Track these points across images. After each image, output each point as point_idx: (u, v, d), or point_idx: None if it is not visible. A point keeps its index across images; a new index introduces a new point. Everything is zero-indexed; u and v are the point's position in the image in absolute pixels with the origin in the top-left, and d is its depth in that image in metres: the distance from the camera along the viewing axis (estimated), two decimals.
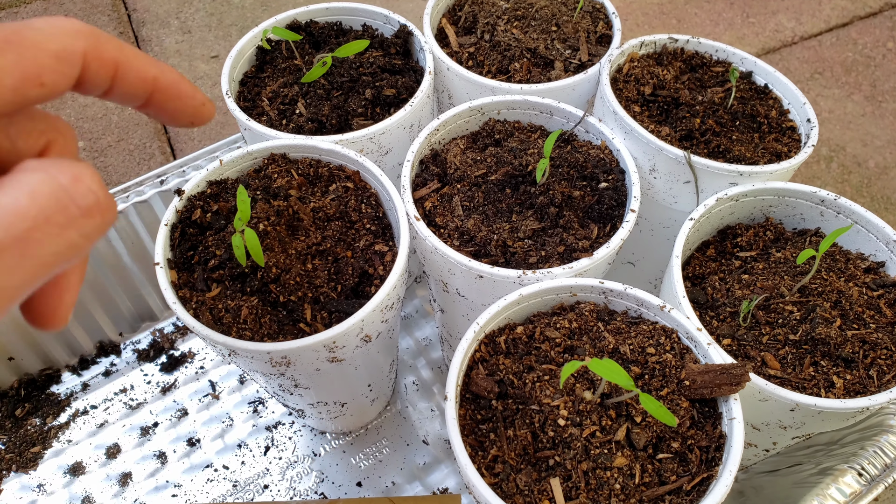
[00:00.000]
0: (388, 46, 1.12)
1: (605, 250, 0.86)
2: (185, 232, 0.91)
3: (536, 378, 0.76)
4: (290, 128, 1.01)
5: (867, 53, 2.08)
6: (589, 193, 0.95)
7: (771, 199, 0.96)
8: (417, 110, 1.02)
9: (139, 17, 2.12)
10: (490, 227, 0.91)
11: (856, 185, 1.76)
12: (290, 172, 0.96)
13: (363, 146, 0.99)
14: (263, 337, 0.85)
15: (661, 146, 0.93)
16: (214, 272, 0.89)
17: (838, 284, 0.86)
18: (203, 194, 0.94)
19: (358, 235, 0.92)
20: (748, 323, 0.85)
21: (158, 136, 1.82)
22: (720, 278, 0.91)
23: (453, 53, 1.13)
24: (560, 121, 1.02)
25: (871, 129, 1.88)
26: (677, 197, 0.99)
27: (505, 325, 0.84)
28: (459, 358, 0.77)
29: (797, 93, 1.05)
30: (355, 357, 0.91)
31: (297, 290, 0.87)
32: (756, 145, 1.00)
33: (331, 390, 1.02)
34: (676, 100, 1.04)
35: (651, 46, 1.11)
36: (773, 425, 0.83)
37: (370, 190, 0.96)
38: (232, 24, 2.12)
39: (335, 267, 0.90)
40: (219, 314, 0.85)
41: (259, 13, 2.17)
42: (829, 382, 0.78)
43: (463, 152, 0.98)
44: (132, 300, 1.36)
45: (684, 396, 0.75)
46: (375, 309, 0.83)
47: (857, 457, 1.01)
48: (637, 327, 0.81)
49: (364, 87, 1.04)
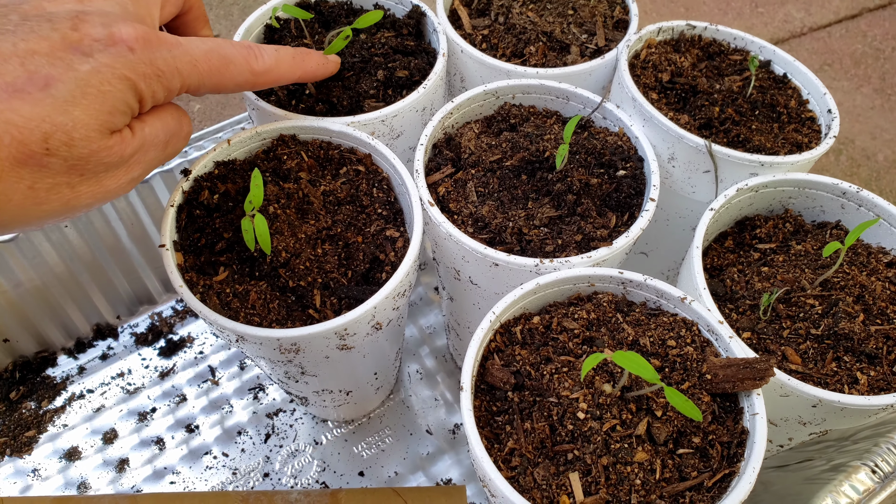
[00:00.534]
0: (401, 27, 1.09)
1: (624, 240, 0.84)
2: (191, 214, 0.88)
3: (554, 370, 0.74)
4: (299, 108, 0.98)
5: (877, 46, 2.06)
6: (607, 181, 0.92)
7: (791, 191, 0.94)
8: (430, 93, 0.99)
9: None
10: (505, 213, 0.89)
11: (865, 179, 1.74)
12: (300, 154, 0.93)
13: (374, 129, 0.96)
14: (272, 323, 0.82)
15: (682, 134, 0.91)
16: (222, 255, 0.86)
17: (861, 279, 0.84)
18: (210, 175, 0.91)
19: (369, 220, 0.90)
20: (768, 316, 0.83)
21: None
22: (739, 270, 0.89)
23: (466, 36, 1.10)
24: (577, 106, 1.00)
25: (881, 123, 1.86)
26: (696, 186, 0.96)
27: (521, 315, 0.82)
28: (475, 347, 0.75)
29: (817, 83, 1.03)
30: (365, 345, 0.88)
31: (307, 275, 0.85)
32: (776, 135, 0.98)
33: (337, 378, 0.99)
34: (694, 87, 1.02)
35: (668, 33, 1.08)
36: (792, 421, 0.81)
37: (382, 174, 0.93)
38: (233, 3, 2.08)
39: (346, 252, 0.87)
40: (226, 299, 0.82)
41: None
42: (852, 378, 0.77)
43: (477, 137, 0.96)
44: (131, 283, 1.33)
45: (706, 390, 0.73)
46: (388, 296, 0.81)
47: (870, 453, 1.00)
48: (657, 319, 0.79)
49: (376, 68, 1.01)
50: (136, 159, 0.68)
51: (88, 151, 0.61)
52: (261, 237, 0.77)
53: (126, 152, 0.65)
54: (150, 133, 0.69)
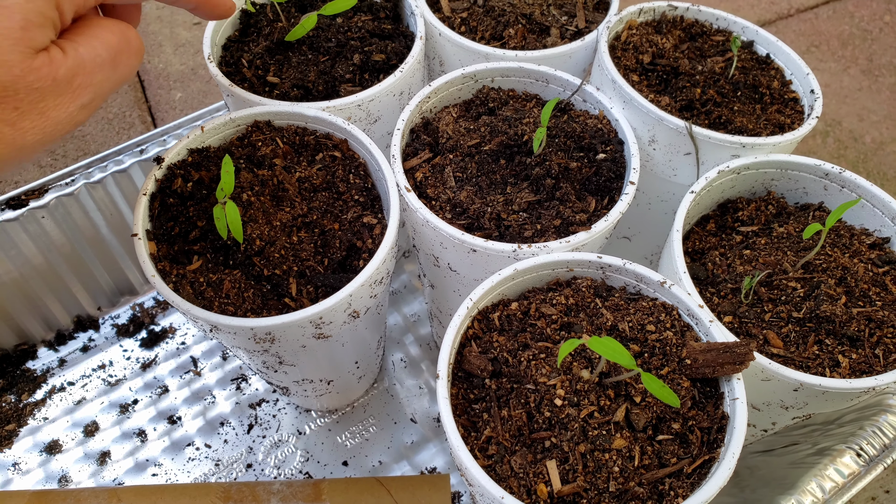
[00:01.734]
0: (378, 10, 1.07)
1: (604, 224, 0.83)
2: (164, 202, 0.87)
3: (532, 356, 0.73)
4: (274, 94, 0.96)
5: (864, 27, 2.04)
6: (586, 165, 0.91)
7: (773, 172, 0.92)
8: (408, 77, 0.98)
9: None
10: (484, 199, 0.87)
11: (852, 161, 1.73)
12: (275, 140, 0.92)
13: (351, 114, 0.95)
14: (246, 312, 0.81)
15: (662, 116, 0.90)
16: (196, 244, 0.85)
17: (843, 261, 0.83)
18: (184, 163, 0.89)
19: (346, 207, 0.89)
20: (750, 300, 0.82)
21: (139, 105, 1.76)
22: (721, 253, 0.88)
23: (445, 19, 1.08)
24: (556, 89, 0.98)
25: (868, 104, 1.85)
26: (677, 169, 0.95)
27: (499, 301, 0.81)
28: (452, 334, 0.74)
29: (800, 63, 1.01)
30: (342, 333, 0.87)
31: (282, 263, 0.83)
32: (758, 117, 0.97)
33: (317, 367, 0.98)
34: (676, 69, 1.00)
35: (650, 14, 1.07)
36: (774, 405, 0.81)
37: (358, 160, 0.92)
38: None
39: (322, 239, 0.86)
40: (200, 288, 0.81)
41: None
42: (834, 362, 0.76)
43: (455, 121, 0.94)
44: (111, 273, 1.31)
45: (685, 376, 0.72)
46: (364, 284, 0.80)
47: (855, 437, 1.00)
48: (636, 304, 0.78)
49: (352, 52, 0.99)
50: (81, 83, 0.60)
51: (11, 77, 0.54)
52: (232, 225, 0.76)
53: (59, 73, 0.58)
54: (88, 52, 0.61)
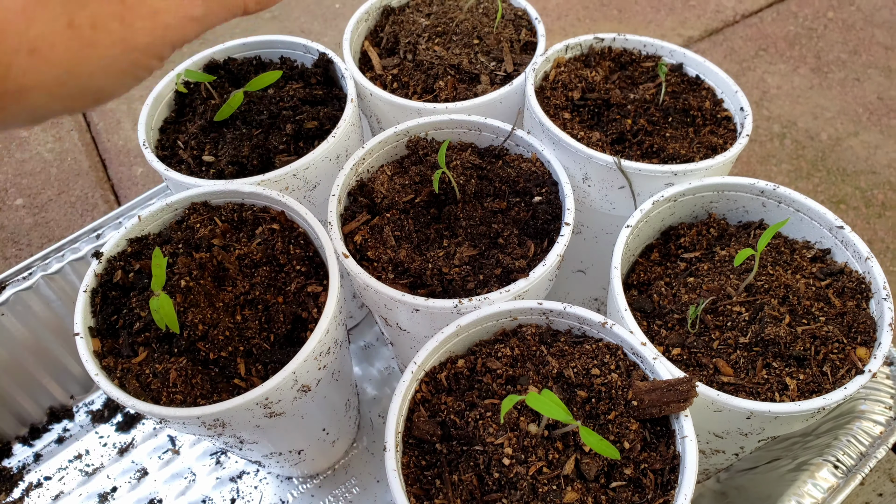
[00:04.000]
0: (309, 77, 1.09)
1: (542, 268, 0.83)
2: (106, 296, 0.87)
3: (479, 415, 0.72)
4: (210, 173, 0.97)
5: (808, 25, 2.06)
6: (523, 209, 0.91)
7: (711, 195, 0.93)
8: (342, 140, 0.98)
9: None
10: (423, 255, 0.87)
11: (811, 160, 1.74)
12: (213, 220, 0.92)
13: (288, 183, 0.95)
14: (197, 398, 0.80)
15: (590, 154, 0.90)
16: (140, 335, 0.84)
17: (785, 278, 0.83)
18: (123, 254, 0.90)
19: (288, 279, 0.89)
20: (697, 329, 0.82)
21: (101, 185, 1.77)
22: (666, 283, 0.88)
23: (377, 77, 1.09)
24: (489, 136, 0.99)
25: (821, 101, 1.86)
26: (614, 203, 0.95)
27: (446, 360, 0.81)
28: (398, 402, 0.74)
29: (729, 81, 1.02)
30: (298, 407, 0.87)
31: (228, 344, 0.83)
32: (691, 140, 0.97)
33: (281, 441, 0.98)
34: (608, 101, 1.01)
35: (577, 49, 1.08)
36: (733, 433, 0.80)
37: (298, 229, 0.92)
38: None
39: (266, 315, 0.86)
40: (146, 380, 0.80)
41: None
42: (782, 385, 0.75)
43: (390, 178, 0.95)
44: (80, 360, 1.31)
45: (633, 417, 0.71)
46: (308, 358, 0.79)
47: (831, 448, 0.99)
48: (581, 347, 0.78)
49: (284, 122, 1.00)
50: None
51: None
52: (166, 318, 0.76)
53: None
54: None
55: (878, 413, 0.98)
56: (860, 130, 1.79)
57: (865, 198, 1.66)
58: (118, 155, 1.83)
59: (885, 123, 1.81)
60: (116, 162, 1.81)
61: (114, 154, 1.82)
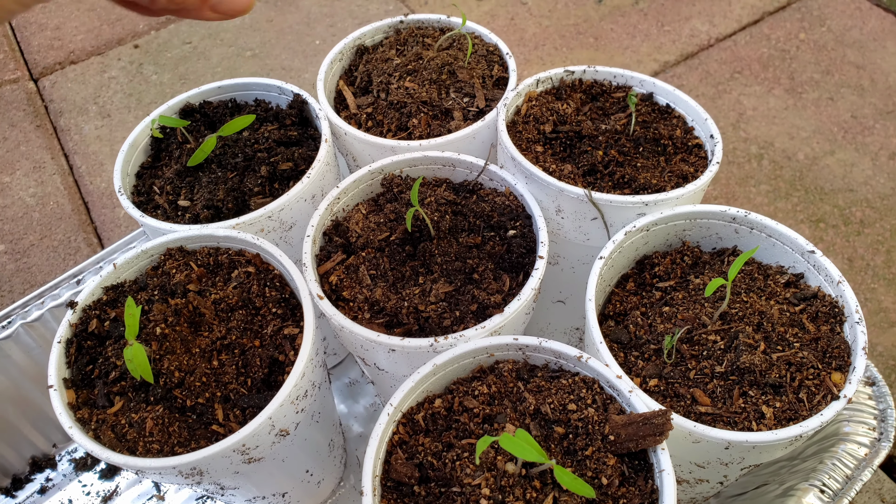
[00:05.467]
0: (284, 118, 1.09)
1: (517, 303, 0.83)
2: (81, 346, 0.86)
3: (456, 456, 0.72)
4: (186, 218, 0.97)
5: (781, 47, 2.09)
6: (499, 243, 0.92)
7: (684, 224, 0.93)
8: (317, 180, 0.99)
9: (56, 107, 2.08)
10: (399, 293, 0.88)
11: (789, 180, 1.76)
12: (189, 265, 0.92)
13: (263, 225, 0.95)
14: (174, 447, 0.80)
15: (562, 187, 0.91)
16: (116, 385, 0.84)
17: (759, 305, 0.83)
18: (99, 302, 0.89)
19: (265, 321, 0.88)
20: (673, 359, 0.82)
21: (84, 228, 1.77)
22: (642, 313, 0.88)
23: (352, 116, 1.10)
24: (463, 172, 1.00)
25: (796, 122, 1.88)
26: (588, 234, 0.96)
27: (424, 399, 0.80)
28: (374, 446, 0.73)
29: (698, 109, 1.03)
30: (277, 451, 0.86)
31: (205, 390, 0.83)
32: (662, 169, 0.98)
33: (263, 485, 0.97)
34: (579, 133, 1.02)
35: (548, 82, 1.09)
36: (714, 463, 0.80)
37: (273, 271, 0.92)
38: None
39: (243, 360, 0.85)
40: (122, 431, 0.80)
41: (178, 88, 2.13)
42: (759, 413, 0.75)
43: (365, 217, 0.95)
44: None
45: (611, 452, 0.71)
46: (284, 402, 0.79)
47: (817, 472, 0.98)
48: (558, 381, 0.78)
49: (259, 164, 1.01)
50: None
51: None
52: (139, 367, 0.76)
53: None
54: None
55: (862, 434, 0.98)
56: (836, 149, 1.81)
57: (844, 216, 1.67)
58: (101, 197, 1.83)
59: (859, 141, 1.83)
60: (99, 204, 1.81)
61: (96, 196, 1.82)
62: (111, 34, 2.29)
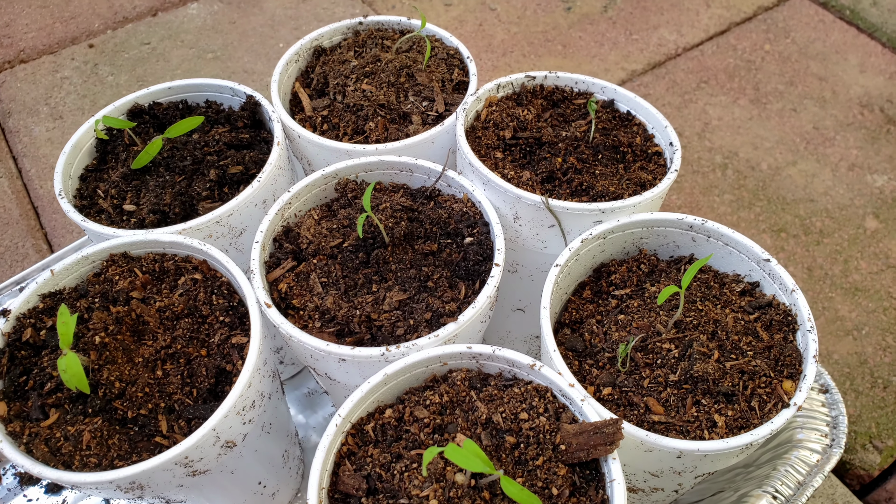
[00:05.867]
0: (236, 120, 1.07)
1: (472, 311, 0.81)
2: (14, 356, 0.82)
3: (405, 467, 0.70)
4: (131, 223, 0.94)
5: (747, 58, 2.11)
6: (455, 250, 0.90)
7: (641, 231, 0.93)
8: (268, 185, 0.96)
9: (4, 107, 2.02)
10: (351, 301, 0.85)
11: (752, 189, 1.77)
12: (133, 271, 0.89)
13: (211, 231, 0.92)
14: (114, 460, 0.76)
15: (520, 194, 0.89)
16: (51, 396, 0.80)
17: (714, 313, 0.82)
18: (35, 310, 0.86)
19: (212, 330, 0.86)
20: (628, 367, 0.80)
21: (32, 234, 1.71)
22: (597, 321, 0.87)
23: (307, 119, 1.08)
24: (421, 177, 0.98)
25: (760, 132, 1.90)
26: (546, 241, 0.95)
27: (374, 409, 0.78)
28: (321, 457, 0.71)
29: (659, 116, 1.03)
30: (225, 464, 0.83)
31: (148, 401, 0.80)
32: (621, 177, 0.97)
33: (213, 497, 0.93)
34: (539, 139, 1.01)
35: (508, 87, 1.08)
36: (667, 472, 0.78)
37: (221, 278, 0.89)
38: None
39: (188, 369, 0.83)
40: (56, 444, 0.76)
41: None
42: (711, 422, 0.74)
43: (318, 223, 0.93)
44: None
45: (561, 462, 0.70)
46: (229, 413, 0.76)
47: (770, 479, 0.98)
48: (511, 390, 0.76)
49: (208, 168, 0.98)
50: None
51: None
52: (74, 378, 0.72)
53: None
54: None
55: (815, 441, 0.98)
56: (798, 160, 1.83)
57: (804, 226, 1.68)
58: (52, 202, 1.78)
59: (820, 152, 1.85)
60: (50, 209, 1.76)
61: (47, 201, 1.77)
62: (64, 32, 2.24)
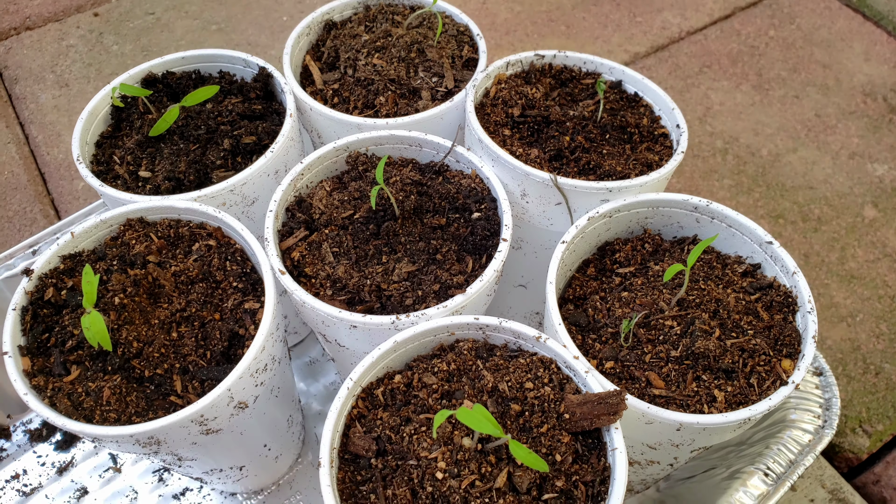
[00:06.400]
0: (248, 91, 1.08)
1: (479, 284, 0.84)
2: (37, 314, 0.85)
3: (413, 430, 0.72)
4: (146, 189, 0.96)
5: (751, 43, 2.13)
6: (463, 225, 0.92)
7: (646, 211, 0.95)
8: (280, 155, 0.98)
9: (11, 73, 2.02)
10: (362, 271, 0.88)
11: (752, 175, 1.79)
12: (149, 236, 0.91)
13: (225, 199, 0.94)
14: (132, 416, 0.79)
15: (528, 171, 0.91)
16: (72, 353, 0.83)
17: (716, 293, 0.85)
18: (56, 271, 0.88)
19: (225, 295, 0.88)
20: (630, 343, 0.83)
21: (40, 200, 1.73)
22: (601, 298, 0.89)
23: (318, 92, 1.09)
24: (430, 153, 1.00)
25: (761, 118, 1.92)
26: (552, 219, 0.97)
27: (384, 375, 0.81)
28: (333, 418, 0.74)
29: (666, 98, 1.05)
30: (235, 424, 0.86)
31: (163, 361, 0.82)
32: (628, 157, 0.99)
33: (221, 457, 0.96)
34: (547, 118, 1.03)
35: (518, 65, 1.09)
36: (665, 444, 0.82)
37: (235, 245, 0.91)
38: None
39: (202, 332, 0.85)
40: (78, 399, 0.79)
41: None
42: (711, 397, 0.77)
43: (329, 194, 0.95)
44: None
45: (565, 430, 0.72)
46: (243, 375, 0.79)
47: (762, 457, 1.02)
48: (516, 361, 0.79)
49: (222, 137, 0.99)
50: None
51: None
52: (97, 335, 0.75)
53: None
54: None
55: (808, 422, 1.01)
56: (798, 147, 1.85)
57: (803, 212, 1.71)
58: (58, 169, 1.79)
59: (821, 140, 1.87)
60: (56, 176, 1.77)
61: (54, 168, 1.78)
62: (69, 0, 2.23)
